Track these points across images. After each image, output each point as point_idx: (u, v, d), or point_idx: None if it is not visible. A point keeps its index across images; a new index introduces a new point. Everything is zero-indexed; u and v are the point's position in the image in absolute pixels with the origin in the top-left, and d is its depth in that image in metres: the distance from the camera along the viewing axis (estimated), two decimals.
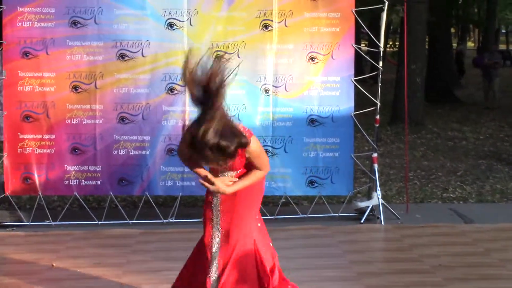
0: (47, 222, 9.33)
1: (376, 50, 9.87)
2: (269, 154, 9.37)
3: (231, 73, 5.13)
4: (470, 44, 58.76)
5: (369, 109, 9.91)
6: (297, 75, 9.46)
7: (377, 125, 9.87)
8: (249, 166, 5.32)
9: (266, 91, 9.44)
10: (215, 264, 5.28)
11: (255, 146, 5.22)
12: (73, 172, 9.31)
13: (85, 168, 9.33)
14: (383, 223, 9.36)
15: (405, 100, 11.21)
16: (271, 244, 5.53)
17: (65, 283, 7.09)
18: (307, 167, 9.54)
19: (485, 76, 23.47)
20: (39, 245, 8.45)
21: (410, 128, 14.71)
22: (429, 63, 23.67)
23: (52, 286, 6.99)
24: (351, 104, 9.53)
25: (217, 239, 5.33)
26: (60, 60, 9.22)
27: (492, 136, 16.95)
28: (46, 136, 9.28)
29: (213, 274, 5.25)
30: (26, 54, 9.18)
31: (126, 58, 9.27)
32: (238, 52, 9.33)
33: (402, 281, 7.14)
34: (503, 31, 59.93)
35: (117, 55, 9.26)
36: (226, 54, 9.27)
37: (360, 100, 10.04)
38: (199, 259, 5.41)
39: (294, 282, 5.68)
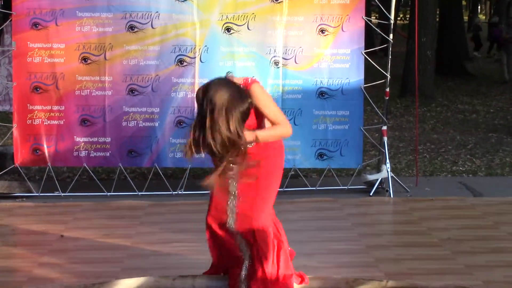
0: (56, 193, 9.36)
1: (386, 22, 9.81)
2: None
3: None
4: (481, 17, 58.40)
5: (379, 81, 9.88)
6: (307, 47, 9.42)
7: (387, 98, 9.83)
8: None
9: (276, 63, 9.41)
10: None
11: (258, 91, 5.02)
12: (83, 143, 9.32)
13: (95, 139, 9.34)
14: (392, 196, 9.35)
15: (415, 73, 11.16)
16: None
17: (74, 254, 7.11)
18: (317, 139, 9.53)
19: (503, 49, 23.19)
20: (48, 216, 8.48)
21: (420, 101, 14.65)
22: (440, 35, 23.52)
23: (60, 257, 7.02)
24: (361, 76, 9.49)
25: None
26: (70, 31, 9.20)
27: (503, 110, 16.89)
28: (55, 108, 9.29)
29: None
30: (35, 25, 9.16)
31: (136, 29, 9.25)
32: (248, 24, 9.29)
33: (411, 253, 7.14)
34: None
35: (127, 26, 9.24)
36: (236, 26, 9.24)
37: (370, 73, 10.01)
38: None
39: (303, 255, 5.69)
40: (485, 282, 6.36)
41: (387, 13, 9.70)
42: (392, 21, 9.70)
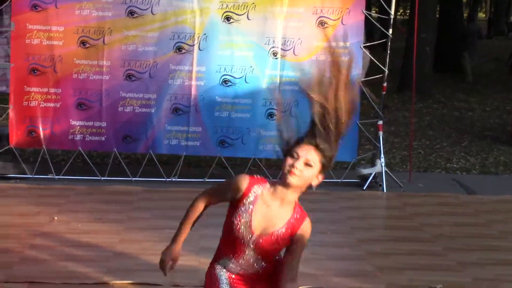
0: (50, 176, 9.35)
1: (386, 17, 9.82)
2: (275, 117, 9.37)
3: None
4: (481, 15, 58.40)
5: (377, 76, 9.88)
6: (306, 39, 9.41)
7: (384, 92, 9.84)
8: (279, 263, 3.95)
9: (275, 54, 9.40)
10: None
11: (309, 231, 3.93)
12: (78, 127, 9.31)
13: (90, 123, 9.33)
14: (385, 190, 9.37)
15: (413, 69, 11.16)
16: None
17: (66, 237, 7.12)
18: None
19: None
20: (41, 198, 8.48)
21: (417, 97, 14.64)
22: (439, 32, 23.50)
23: (52, 239, 7.03)
24: (359, 70, 9.49)
25: None
26: (69, 14, 9.17)
27: (499, 108, 16.90)
28: (52, 90, 9.27)
29: None
30: (35, 6, 9.13)
31: (135, 15, 9.23)
32: (248, 14, 9.28)
33: (402, 248, 7.17)
34: None
35: (126, 11, 9.22)
36: (236, 15, 9.23)
37: (368, 67, 10.00)
38: None
39: None
40: (475, 279, 6.40)
41: (387, 8, 9.70)
42: (392, 16, 9.71)
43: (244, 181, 3.85)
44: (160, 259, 4.05)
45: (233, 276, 3.96)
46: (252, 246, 3.84)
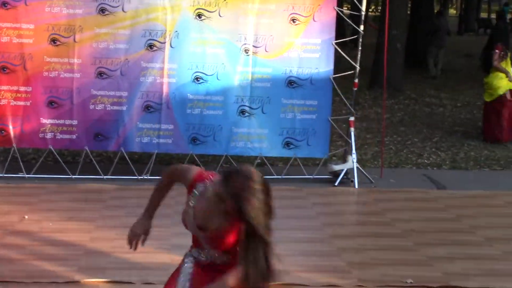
0: (20, 175, 9.29)
1: (358, 13, 9.85)
2: (246, 114, 9.39)
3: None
4: (452, 11, 58.69)
5: (348, 72, 9.91)
6: (277, 36, 9.42)
7: (356, 89, 9.88)
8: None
9: (246, 51, 9.41)
10: None
11: None
12: (49, 125, 9.26)
13: (61, 122, 9.28)
14: (357, 186, 9.40)
15: (384, 65, 11.20)
16: None
17: (37, 236, 7.09)
18: (284, 128, 9.55)
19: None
20: (11, 197, 8.44)
21: (388, 93, 14.72)
22: (411, 29, 23.60)
23: (23, 238, 7.00)
24: (331, 67, 9.53)
25: None
26: (39, 12, 9.12)
27: (469, 104, 17.00)
28: (22, 88, 9.21)
29: None
30: (4, 4, 9.07)
31: (107, 12, 9.19)
32: (219, 11, 9.27)
33: (373, 244, 7.20)
34: None
35: (98, 9, 9.18)
36: (207, 12, 9.22)
37: (339, 64, 10.05)
38: None
39: None
40: (445, 273, 6.45)
41: (358, 5, 9.73)
42: (363, 13, 9.74)
43: (193, 174, 3.82)
44: (131, 231, 4.01)
45: (200, 268, 3.86)
46: (203, 240, 3.79)
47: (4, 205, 8.05)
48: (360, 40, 9.73)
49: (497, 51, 12.73)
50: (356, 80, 9.77)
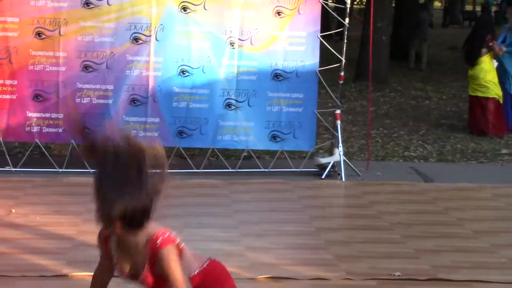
0: (7, 168, 9.25)
1: (343, 6, 9.85)
2: (233, 107, 9.38)
3: None
4: (436, 4, 58.82)
5: (334, 65, 9.91)
6: (263, 29, 9.41)
7: (341, 81, 9.88)
8: None
9: (232, 44, 9.39)
10: None
11: (169, 258, 3.64)
12: (35, 119, 9.23)
13: (47, 115, 9.25)
14: (343, 179, 9.41)
15: (369, 58, 11.21)
16: None
17: (24, 229, 7.07)
18: (270, 121, 9.55)
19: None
20: None
21: (374, 86, 14.73)
22: (396, 21, 23.64)
23: (10, 232, 6.97)
24: (316, 60, 9.53)
25: None
26: (24, 5, 9.08)
27: (455, 97, 17.05)
28: (8, 82, 9.17)
29: None
30: None
31: (91, 5, 9.16)
32: (204, 4, 9.25)
33: (361, 237, 7.21)
34: None
35: (82, 2, 9.14)
36: (192, 5, 9.20)
37: (325, 57, 10.03)
38: None
39: (254, 236, 5.64)
40: (432, 266, 6.46)
41: None
42: (348, 5, 9.74)
43: (100, 234, 3.95)
44: None
45: None
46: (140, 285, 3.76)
47: None
48: (346, 33, 9.73)
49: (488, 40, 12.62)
50: (342, 73, 9.77)
